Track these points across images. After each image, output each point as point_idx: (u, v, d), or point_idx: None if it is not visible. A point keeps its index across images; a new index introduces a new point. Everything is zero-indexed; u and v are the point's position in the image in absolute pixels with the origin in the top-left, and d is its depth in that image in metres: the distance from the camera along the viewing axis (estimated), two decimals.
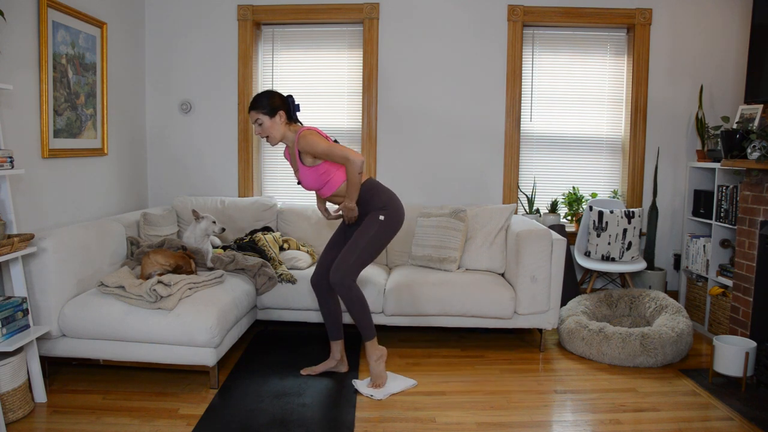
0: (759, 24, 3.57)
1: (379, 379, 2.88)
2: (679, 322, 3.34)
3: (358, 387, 2.88)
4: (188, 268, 3.15)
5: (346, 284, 2.78)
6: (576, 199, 4.31)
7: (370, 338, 2.88)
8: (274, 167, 4.48)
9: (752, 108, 3.57)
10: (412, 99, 4.28)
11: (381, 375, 2.89)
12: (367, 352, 2.90)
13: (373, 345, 2.89)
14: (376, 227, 2.84)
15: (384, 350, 2.93)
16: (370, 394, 2.80)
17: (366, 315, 2.85)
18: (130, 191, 4.14)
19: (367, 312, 2.86)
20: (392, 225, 2.89)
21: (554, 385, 2.99)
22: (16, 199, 2.83)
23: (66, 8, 3.28)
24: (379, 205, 2.87)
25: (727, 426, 2.56)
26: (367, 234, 2.83)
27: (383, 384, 2.88)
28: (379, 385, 2.87)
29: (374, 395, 2.79)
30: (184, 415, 2.60)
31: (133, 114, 4.19)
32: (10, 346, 2.44)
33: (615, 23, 4.23)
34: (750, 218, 3.27)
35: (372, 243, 2.83)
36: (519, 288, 3.36)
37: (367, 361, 2.93)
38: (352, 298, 2.80)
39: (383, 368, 2.91)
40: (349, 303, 2.81)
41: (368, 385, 2.89)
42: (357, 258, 2.80)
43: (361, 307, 2.83)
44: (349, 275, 2.79)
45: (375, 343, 2.90)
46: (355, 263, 2.81)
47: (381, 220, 2.84)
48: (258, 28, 4.35)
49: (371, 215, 2.87)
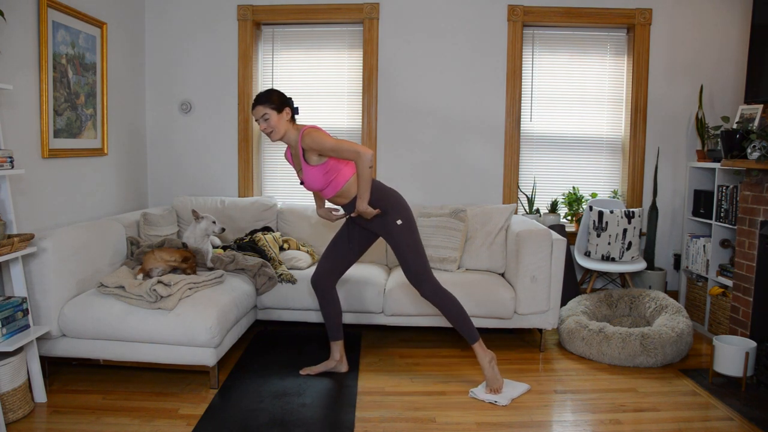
0: (759, 24, 3.57)
1: (496, 382, 2.84)
2: (679, 322, 3.34)
3: (477, 395, 2.81)
4: (194, 262, 3.17)
5: (438, 293, 2.82)
6: (576, 199, 4.31)
7: (474, 341, 2.84)
8: (274, 167, 4.48)
9: (752, 108, 3.57)
10: (412, 99, 4.28)
11: (497, 378, 2.85)
12: (478, 357, 2.85)
13: (481, 347, 2.85)
14: (403, 233, 2.81)
15: (493, 354, 2.89)
16: (493, 400, 2.75)
17: (465, 318, 2.84)
18: (130, 191, 4.14)
19: (465, 314, 2.85)
20: (411, 220, 2.86)
21: (554, 385, 2.99)
22: (16, 199, 2.83)
23: (66, 8, 3.28)
24: (388, 208, 2.83)
25: (727, 426, 2.56)
26: (403, 244, 2.81)
27: (500, 388, 2.83)
28: (497, 389, 2.83)
29: (498, 401, 2.73)
30: (184, 415, 2.60)
31: (133, 114, 4.19)
32: (10, 346, 2.44)
33: (615, 23, 4.23)
34: (750, 218, 3.27)
35: (415, 246, 2.83)
36: (519, 288, 3.36)
37: (480, 365, 2.88)
38: (447, 302, 2.82)
39: (498, 371, 2.87)
40: (445, 308, 2.83)
41: (486, 390, 2.84)
42: (421, 264, 2.82)
43: (458, 310, 2.84)
44: (430, 280, 2.82)
45: (482, 346, 2.86)
46: (424, 269, 2.82)
47: (401, 225, 2.82)
48: (258, 28, 4.35)
49: (388, 224, 2.82)
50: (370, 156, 2.69)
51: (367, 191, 2.73)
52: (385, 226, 2.84)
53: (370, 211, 2.77)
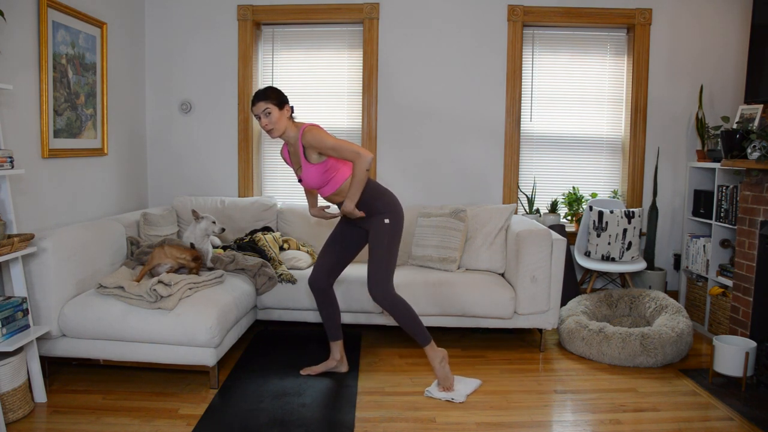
0: (759, 24, 3.57)
1: (447, 381, 2.86)
2: (679, 322, 3.34)
3: (432, 394, 2.83)
4: (201, 263, 3.19)
5: (388, 297, 2.80)
6: (576, 199, 4.31)
7: (426, 343, 2.86)
8: (274, 167, 4.48)
9: (752, 108, 3.57)
10: (412, 99, 4.28)
11: (448, 377, 2.87)
12: (429, 358, 2.87)
13: (432, 349, 2.87)
14: (386, 233, 2.82)
15: (444, 352, 2.91)
16: (450, 397, 2.78)
17: (415, 321, 2.84)
18: (130, 191, 4.14)
19: (416, 318, 2.85)
20: (398, 224, 2.87)
21: (554, 385, 2.99)
22: (16, 199, 2.83)
23: (66, 8, 3.28)
24: (381, 208, 2.84)
25: (727, 426, 2.56)
26: (382, 243, 2.81)
27: (452, 386, 2.86)
28: (448, 387, 2.85)
29: (454, 398, 2.76)
30: (184, 415, 2.60)
31: (133, 114, 4.19)
32: (10, 346, 2.44)
33: (615, 23, 4.23)
34: (750, 218, 3.27)
35: (390, 249, 2.82)
36: (519, 288, 3.36)
37: (431, 366, 2.90)
38: (397, 308, 2.81)
39: (449, 370, 2.89)
40: (396, 314, 2.82)
41: (438, 389, 2.86)
42: (384, 268, 2.80)
43: (409, 315, 2.83)
44: (387, 287, 2.80)
45: (434, 347, 2.88)
46: (385, 274, 2.80)
47: (387, 224, 2.82)
48: (258, 28, 4.35)
49: (376, 221, 2.83)
50: (370, 159, 2.69)
51: (358, 193, 2.74)
52: (372, 222, 2.85)
53: (356, 213, 2.78)
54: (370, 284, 2.81)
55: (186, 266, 3.13)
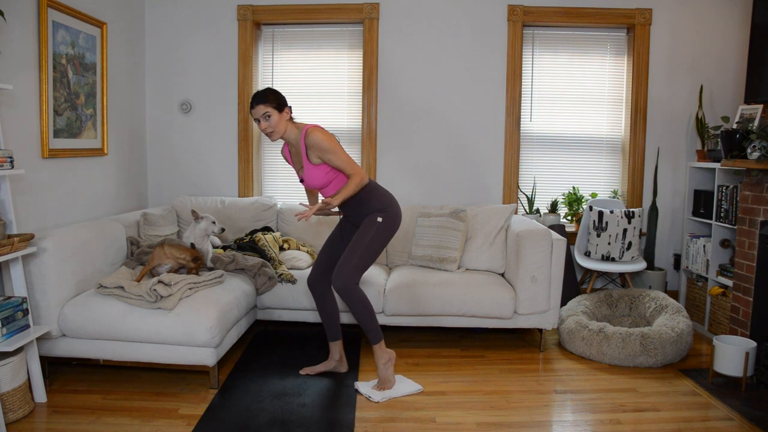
0: (759, 24, 3.57)
1: (387, 383, 2.86)
2: (679, 322, 3.34)
3: (359, 388, 2.86)
4: (201, 263, 3.19)
5: (348, 288, 2.76)
6: (576, 199, 4.31)
7: (376, 341, 2.85)
8: (274, 167, 4.48)
9: (752, 108, 3.57)
10: (412, 99, 4.28)
11: (389, 379, 2.87)
12: (375, 356, 2.87)
13: (380, 348, 2.86)
14: (374, 229, 2.81)
15: (392, 353, 2.91)
16: (368, 395, 2.79)
17: (371, 318, 2.82)
18: (130, 191, 4.14)
19: (372, 315, 2.83)
20: (390, 227, 2.87)
21: (554, 385, 2.99)
22: (16, 199, 2.83)
23: (66, 8, 3.28)
24: (378, 207, 2.85)
25: (727, 426, 2.56)
26: (366, 236, 2.80)
27: (390, 388, 2.86)
28: (386, 388, 2.85)
29: (372, 397, 2.77)
30: (184, 415, 2.60)
31: (133, 114, 4.19)
32: (10, 346, 2.44)
33: (615, 23, 4.23)
34: (750, 218, 3.27)
35: (371, 245, 2.81)
36: (519, 288, 3.36)
37: (375, 364, 2.90)
38: (355, 301, 2.78)
39: (392, 372, 2.89)
40: (352, 307, 2.79)
41: (374, 387, 2.86)
42: (358, 261, 2.78)
43: (365, 311, 2.80)
44: (351, 278, 2.76)
45: (382, 347, 2.87)
46: (356, 266, 2.78)
47: (379, 222, 2.82)
48: (258, 28, 4.35)
49: (369, 217, 2.84)
50: (365, 182, 2.78)
51: (347, 196, 2.75)
52: (366, 217, 2.85)
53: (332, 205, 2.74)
54: (337, 271, 2.77)
55: (186, 266, 3.13)
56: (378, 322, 2.86)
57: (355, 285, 2.78)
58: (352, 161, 2.78)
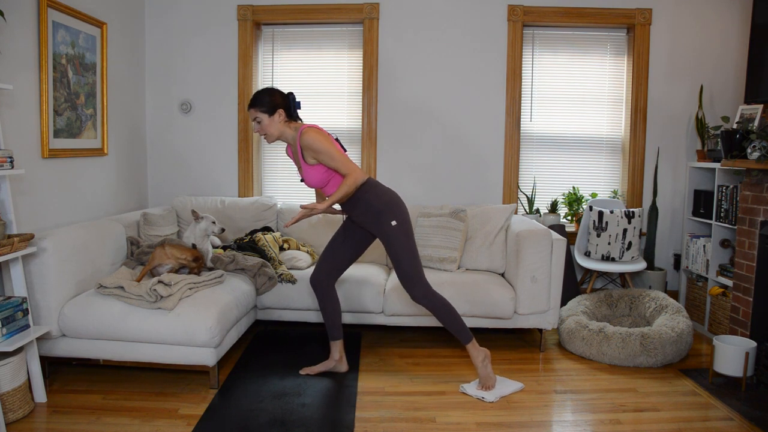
0: (759, 24, 3.57)
1: (489, 380, 2.86)
2: (679, 322, 3.34)
3: (467, 390, 2.85)
4: (202, 263, 3.19)
5: (428, 295, 2.81)
6: (576, 199, 4.31)
7: (468, 341, 2.86)
8: (274, 167, 4.48)
9: (752, 108, 3.57)
10: (412, 99, 4.28)
11: (490, 376, 2.87)
12: (471, 356, 2.87)
13: (474, 347, 2.86)
14: (400, 235, 2.79)
15: (487, 351, 2.90)
16: (480, 396, 2.79)
17: (456, 319, 2.84)
18: (130, 191, 4.14)
19: (457, 316, 2.85)
20: (406, 221, 2.85)
21: (554, 385, 2.99)
22: (16, 199, 2.83)
23: (66, 8, 3.28)
24: (380, 207, 2.81)
25: (727, 426, 2.56)
26: (398, 245, 2.79)
27: (493, 386, 2.86)
28: (489, 387, 2.85)
29: (485, 397, 2.77)
30: (184, 415, 2.60)
31: (133, 114, 4.19)
32: (10, 346, 2.44)
33: (615, 23, 4.23)
34: (750, 218, 3.27)
35: (409, 247, 2.81)
36: (519, 288, 3.36)
37: (473, 364, 2.90)
38: (438, 306, 2.82)
39: (491, 369, 2.89)
40: (436, 312, 2.83)
41: (477, 387, 2.87)
42: (410, 269, 2.80)
43: (450, 314, 2.83)
44: (420, 284, 2.81)
45: (475, 345, 2.87)
46: (414, 274, 2.80)
47: (396, 225, 2.79)
48: (258, 28, 4.35)
49: (383, 226, 2.80)
50: (360, 181, 2.75)
51: (337, 199, 2.74)
52: (380, 226, 2.82)
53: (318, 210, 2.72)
54: (408, 288, 2.82)
55: (187, 266, 3.13)
56: (465, 323, 2.87)
57: (432, 290, 2.83)
58: (346, 161, 2.75)
